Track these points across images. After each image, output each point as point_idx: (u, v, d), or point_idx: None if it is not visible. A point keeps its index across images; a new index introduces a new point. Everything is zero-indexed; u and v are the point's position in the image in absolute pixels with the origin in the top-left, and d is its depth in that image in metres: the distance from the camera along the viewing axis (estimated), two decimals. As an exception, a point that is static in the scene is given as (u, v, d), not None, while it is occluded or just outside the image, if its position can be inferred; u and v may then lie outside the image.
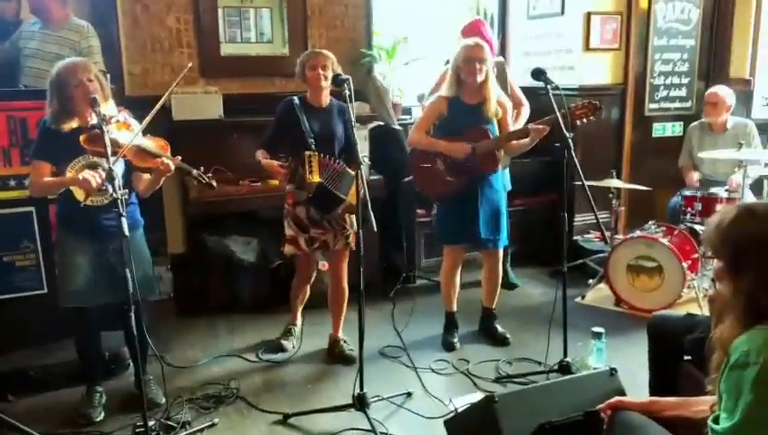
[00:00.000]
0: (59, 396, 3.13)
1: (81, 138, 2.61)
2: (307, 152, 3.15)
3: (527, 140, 3.34)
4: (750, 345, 1.49)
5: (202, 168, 2.89)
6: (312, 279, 3.65)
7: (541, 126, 3.22)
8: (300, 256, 3.46)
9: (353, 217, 3.28)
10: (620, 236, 4.40)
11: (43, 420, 2.90)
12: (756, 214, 1.57)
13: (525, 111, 4.26)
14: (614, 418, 1.95)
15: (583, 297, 4.35)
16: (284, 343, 3.60)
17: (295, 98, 3.33)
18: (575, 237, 4.95)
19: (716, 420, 1.54)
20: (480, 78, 3.35)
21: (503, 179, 4.10)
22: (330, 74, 3.23)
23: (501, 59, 4.52)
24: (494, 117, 3.41)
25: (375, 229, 2.87)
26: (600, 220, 4.52)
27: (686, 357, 2.35)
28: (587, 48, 4.82)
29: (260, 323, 3.99)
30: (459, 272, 3.71)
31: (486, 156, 3.39)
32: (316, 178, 3.14)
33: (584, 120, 3.23)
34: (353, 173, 3.07)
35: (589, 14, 4.77)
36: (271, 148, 3.36)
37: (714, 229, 1.61)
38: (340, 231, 3.35)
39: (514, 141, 3.39)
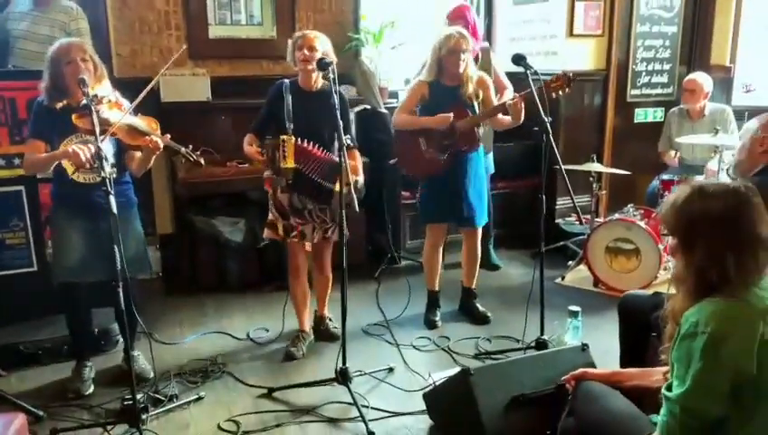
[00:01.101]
0: (49, 371, 3.21)
1: (74, 116, 2.69)
2: (282, 136, 3.07)
3: (509, 118, 3.43)
4: (699, 316, 1.59)
5: (191, 146, 2.95)
6: (305, 272, 3.47)
7: (515, 99, 3.30)
8: (281, 243, 3.41)
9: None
10: (601, 219, 4.50)
11: (34, 394, 2.98)
12: (707, 192, 1.66)
13: (508, 93, 4.32)
14: (578, 388, 2.06)
15: (563, 278, 4.46)
16: (292, 349, 3.41)
17: (286, 81, 3.25)
18: (557, 220, 5.05)
19: (669, 388, 1.65)
20: (462, 68, 3.44)
21: (485, 162, 4.21)
22: (318, 56, 3.09)
23: (486, 45, 4.58)
24: (473, 98, 3.49)
25: (357, 210, 2.93)
26: (582, 204, 4.66)
27: (653, 333, 2.46)
28: (570, 34, 4.89)
29: (247, 302, 4.09)
30: (441, 251, 3.81)
31: (466, 133, 3.48)
32: (290, 164, 3.06)
33: (560, 92, 3.28)
34: (339, 160, 2.89)
35: (573, 0, 4.83)
36: (260, 132, 3.27)
37: (669, 207, 1.71)
38: (320, 224, 3.28)
39: (499, 117, 3.48)
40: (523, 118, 3.40)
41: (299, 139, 3.10)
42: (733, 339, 1.54)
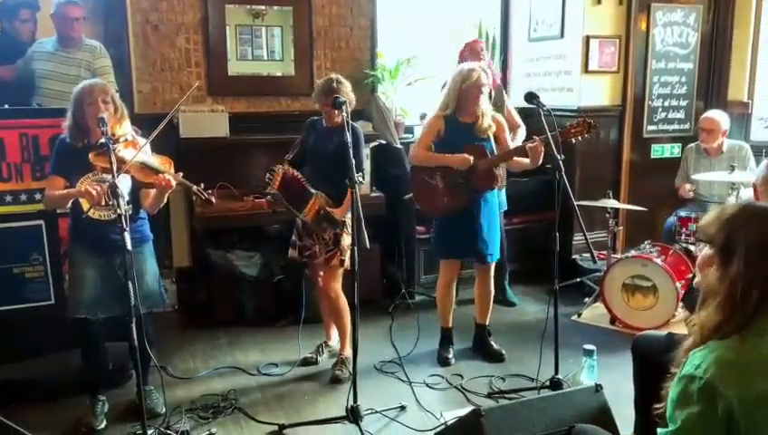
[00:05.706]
0: (63, 404, 3.22)
1: (91, 155, 2.75)
2: (272, 167, 3.31)
3: (527, 160, 3.42)
4: (703, 359, 1.57)
5: (203, 184, 2.99)
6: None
7: (536, 143, 3.31)
8: (298, 274, 3.55)
9: (343, 235, 3.39)
10: (618, 256, 4.46)
11: (47, 428, 2.99)
12: (756, 212, 1.63)
13: (521, 132, 4.34)
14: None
15: (579, 315, 4.41)
16: (309, 355, 3.72)
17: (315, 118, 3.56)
18: (574, 256, 5.02)
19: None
20: (481, 103, 3.47)
21: (498, 198, 4.21)
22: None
23: (499, 83, 4.62)
24: (487, 133, 3.50)
25: (368, 247, 2.95)
26: (599, 239, 4.63)
27: (668, 374, 2.42)
28: (585, 70, 4.92)
29: (261, 337, 4.09)
30: (455, 287, 3.78)
31: (485, 173, 3.49)
32: (272, 189, 3.30)
33: (579, 137, 3.30)
34: (314, 193, 3.28)
35: (587, 38, 4.87)
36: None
37: (713, 217, 1.68)
38: (323, 246, 3.44)
39: (515, 159, 3.49)
40: (541, 161, 3.38)
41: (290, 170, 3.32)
42: (729, 391, 1.51)
